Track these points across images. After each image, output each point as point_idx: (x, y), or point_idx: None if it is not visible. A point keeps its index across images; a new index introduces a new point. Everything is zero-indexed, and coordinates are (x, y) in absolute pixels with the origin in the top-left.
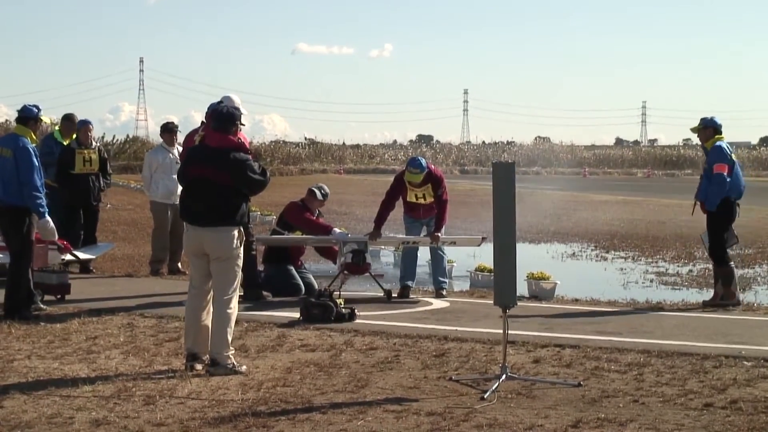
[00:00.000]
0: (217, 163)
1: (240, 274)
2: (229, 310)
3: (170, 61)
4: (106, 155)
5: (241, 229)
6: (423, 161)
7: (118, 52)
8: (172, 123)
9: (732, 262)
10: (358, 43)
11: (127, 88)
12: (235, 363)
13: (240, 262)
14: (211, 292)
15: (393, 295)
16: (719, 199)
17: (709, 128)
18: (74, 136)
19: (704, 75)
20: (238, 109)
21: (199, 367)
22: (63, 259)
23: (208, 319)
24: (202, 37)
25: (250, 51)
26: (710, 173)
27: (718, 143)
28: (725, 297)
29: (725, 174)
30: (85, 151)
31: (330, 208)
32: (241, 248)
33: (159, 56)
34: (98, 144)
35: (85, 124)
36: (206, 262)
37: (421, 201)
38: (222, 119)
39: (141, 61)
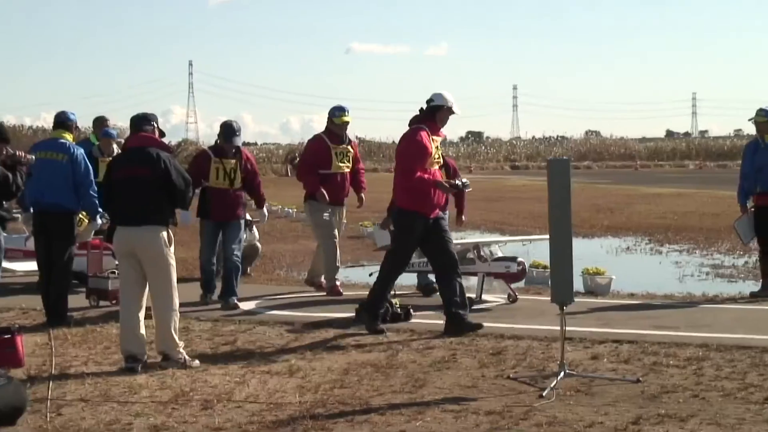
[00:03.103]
0: (140, 161)
1: (174, 273)
2: (171, 310)
3: (220, 62)
4: None
5: (169, 231)
6: None
7: (167, 55)
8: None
9: None
10: (414, 40)
11: (177, 90)
12: (187, 357)
13: (172, 261)
14: (147, 293)
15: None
16: None
17: None
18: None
19: (754, 65)
20: (154, 114)
21: (139, 368)
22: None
23: (142, 319)
24: (252, 39)
25: (302, 51)
26: None
27: None
28: None
29: None
30: (108, 159)
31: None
32: (172, 248)
33: (209, 58)
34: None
35: (108, 136)
36: (138, 263)
37: None
38: (136, 122)
39: (190, 63)
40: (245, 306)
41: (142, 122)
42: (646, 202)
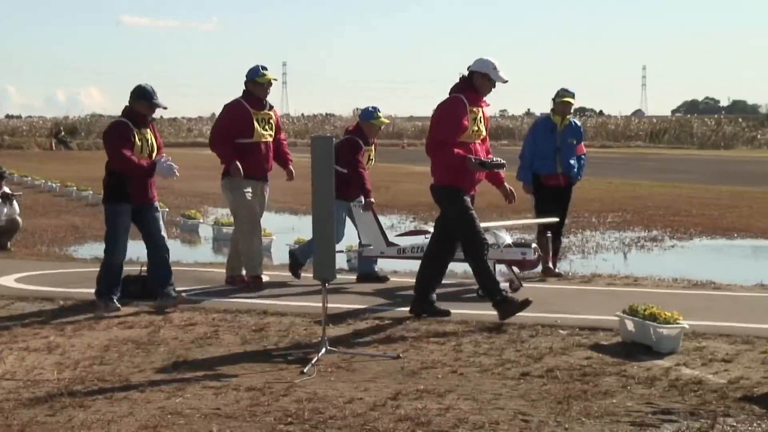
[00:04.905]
0: None
1: None
2: None
3: None
4: None
5: None
6: None
7: None
8: None
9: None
10: (184, 15)
11: None
12: None
13: None
14: None
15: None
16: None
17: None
18: None
19: (521, 46)
20: None
21: None
22: None
23: None
24: (16, 7)
25: (70, 22)
26: (574, 150)
27: (578, 122)
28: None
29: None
30: None
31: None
32: None
33: None
34: None
35: None
36: None
37: (369, 165)
38: None
39: None
40: (3, 281)
41: None
42: (411, 180)
